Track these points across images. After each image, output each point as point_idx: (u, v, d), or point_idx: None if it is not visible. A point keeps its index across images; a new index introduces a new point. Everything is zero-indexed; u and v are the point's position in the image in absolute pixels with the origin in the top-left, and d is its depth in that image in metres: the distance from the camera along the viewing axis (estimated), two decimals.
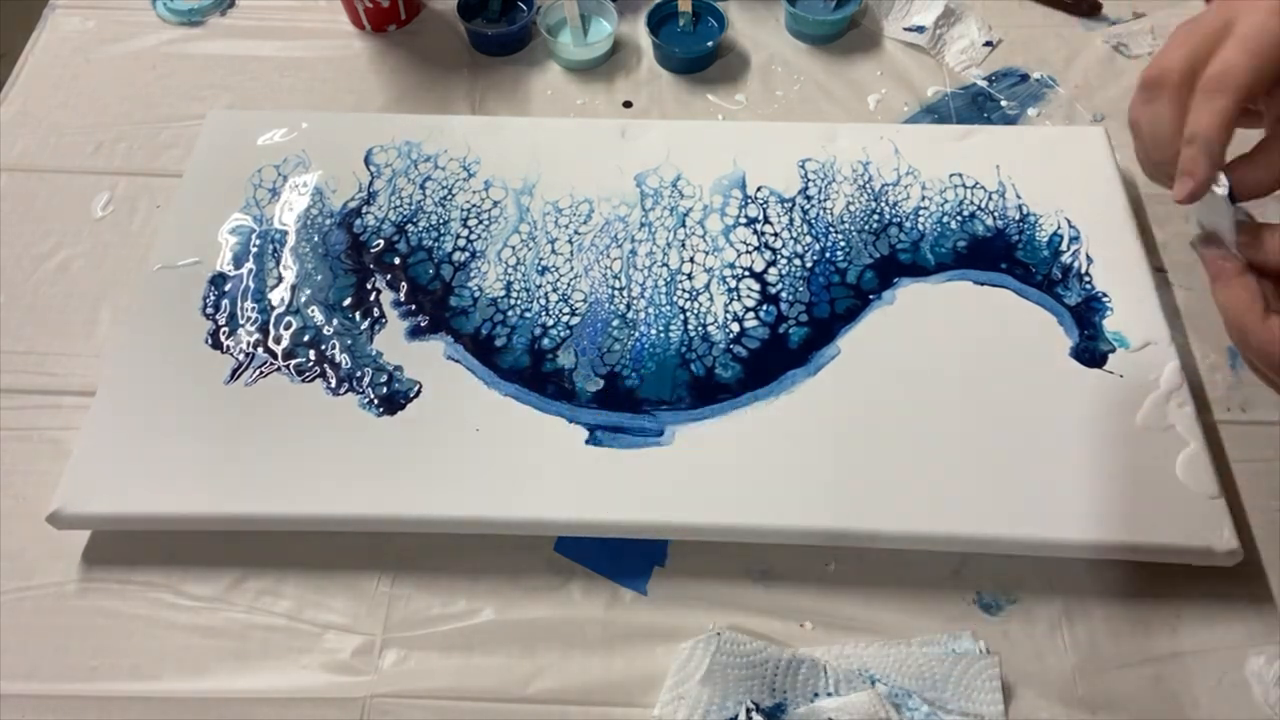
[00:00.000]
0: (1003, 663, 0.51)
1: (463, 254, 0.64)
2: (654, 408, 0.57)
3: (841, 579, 0.55)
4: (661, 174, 0.68)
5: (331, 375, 0.59)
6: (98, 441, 0.56)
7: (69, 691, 0.51)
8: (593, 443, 0.56)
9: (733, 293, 0.62)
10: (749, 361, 0.59)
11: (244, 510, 0.54)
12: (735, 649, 0.50)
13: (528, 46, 0.80)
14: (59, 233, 0.69)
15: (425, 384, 0.58)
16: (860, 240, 0.65)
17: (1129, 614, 0.53)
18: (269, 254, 0.64)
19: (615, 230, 0.65)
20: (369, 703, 0.51)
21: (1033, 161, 0.68)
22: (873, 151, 0.69)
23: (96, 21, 0.82)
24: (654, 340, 0.60)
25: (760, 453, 0.55)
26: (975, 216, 0.65)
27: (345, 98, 0.77)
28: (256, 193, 0.67)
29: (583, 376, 0.59)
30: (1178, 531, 0.52)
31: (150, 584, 0.55)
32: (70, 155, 0.73)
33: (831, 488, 0.54)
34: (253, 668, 0.52)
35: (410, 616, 0.54)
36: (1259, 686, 0.51)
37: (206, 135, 0.70)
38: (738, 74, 0.78)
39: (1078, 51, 0.79)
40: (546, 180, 0.68)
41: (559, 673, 0.52)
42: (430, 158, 0.69)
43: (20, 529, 0.56)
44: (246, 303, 0.62)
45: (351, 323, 0.61)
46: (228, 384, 0.58)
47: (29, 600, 0.54)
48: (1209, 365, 0.62)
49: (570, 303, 0.62)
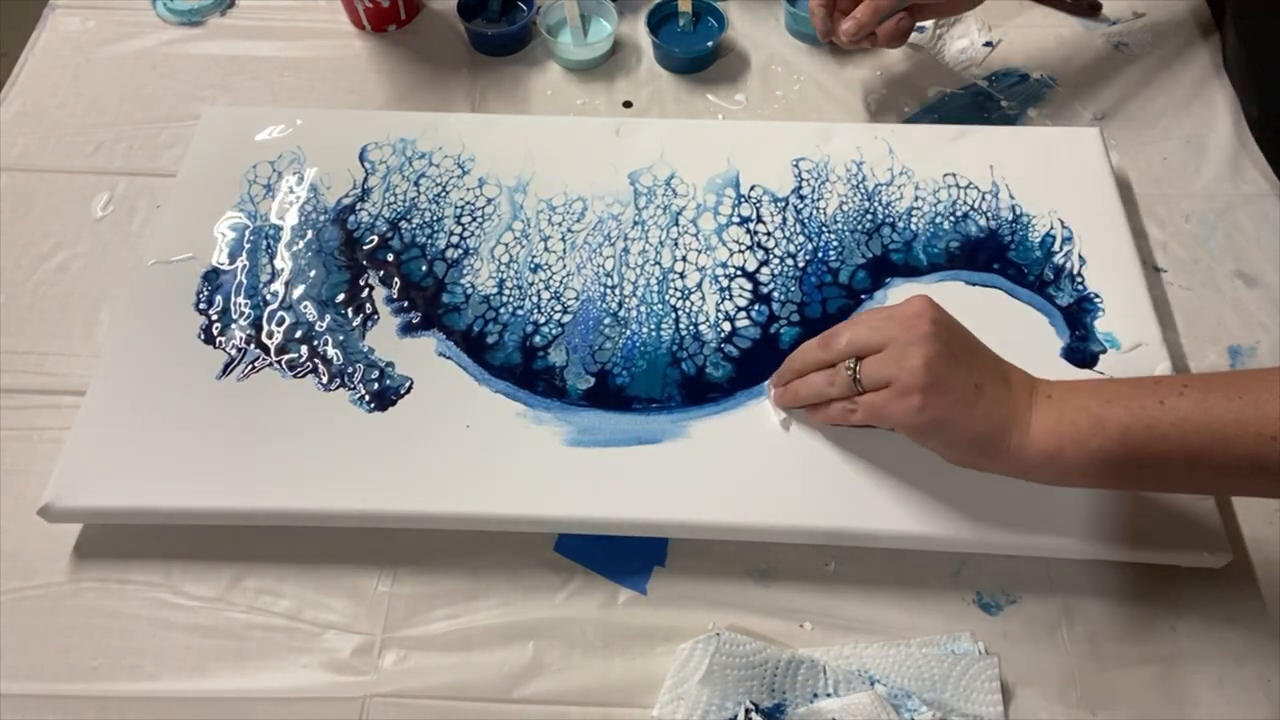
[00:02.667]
0: (1002, 663, 0.51)
1: (456, 251, 0.64)
2: (644, 405, 0.57)
3: (841, 579, 0.55)
4: (655, 172, 0.68)
5: (323, 371, 0.59)
6: (89, 435, 0.56)
7: (69, 691, 0.51)
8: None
9: (725, 292, 0.62)
10: (740, 361, 0.59)
11: (235, 505, 0.54)
12: (735, 649, 0.50)
13: (528, 46, 0.80)
14: (59, 233, 0.69)
15: (417, 380, 0.58)
16: (853, 240, 0.65)
17: (1129, 614, 0.53)
18: (263, 250, 0.64)
19: (608, 228, 0.65)
20: (368, 702, 0.51)
21: (1027, 162, 0.68)
22: (867, 151, 0.69)
23: (96, 21, 0.82)
24: (645, 338, 0.60)
25: (749, 452, 0.55)
26: (968, 217, 0.65)
27: (345, 98, 0.77)
28: (251, 189, 0.67)
29: (574, 374, 0.59)
30: (1168, 533, 0.52)
31: (150, 584, 0.55)
32: (70, 155, 0.73)
33: (819, 487, 0.54)
34: (252, 668, 0.52)
35: (410, 616, 0.54)
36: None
37: (202, 132, 0.70)
38: (738, 74, 0.78)
39: (1078, 51, 0.78)
40: (540, 178, 0.68)
41: (559, 673, 0.52)
42: (425, 155, 0.69)
43: (20, 529, 0.56)
44: (240, 298, 0.62)
45: (344, 319, 0.61)
46: (220, 379, 0.58)
47: (29, 600, 0.54)
48: (1208, 366, 0.62)
49: (562, 300, 0.62)
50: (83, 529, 0.56)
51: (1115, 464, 0.46)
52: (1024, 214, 0.65)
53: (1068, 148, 0.68)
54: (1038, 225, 0.65)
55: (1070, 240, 0.64)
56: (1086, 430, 0.46)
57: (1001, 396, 0.48)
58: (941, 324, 0.49)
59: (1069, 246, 0.64)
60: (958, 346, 0.49)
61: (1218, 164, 0.71)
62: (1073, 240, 0.64)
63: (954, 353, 0.49)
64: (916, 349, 0.48)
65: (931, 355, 0.48)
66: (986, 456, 0.49)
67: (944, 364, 0.48)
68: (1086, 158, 0.68)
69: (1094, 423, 0.46)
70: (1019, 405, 0.48)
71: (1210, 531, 0.52)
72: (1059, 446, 0.46)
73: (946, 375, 0.48)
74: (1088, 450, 0.46)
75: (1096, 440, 0.46)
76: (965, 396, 0.48)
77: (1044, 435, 0.47)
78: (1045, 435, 0.47)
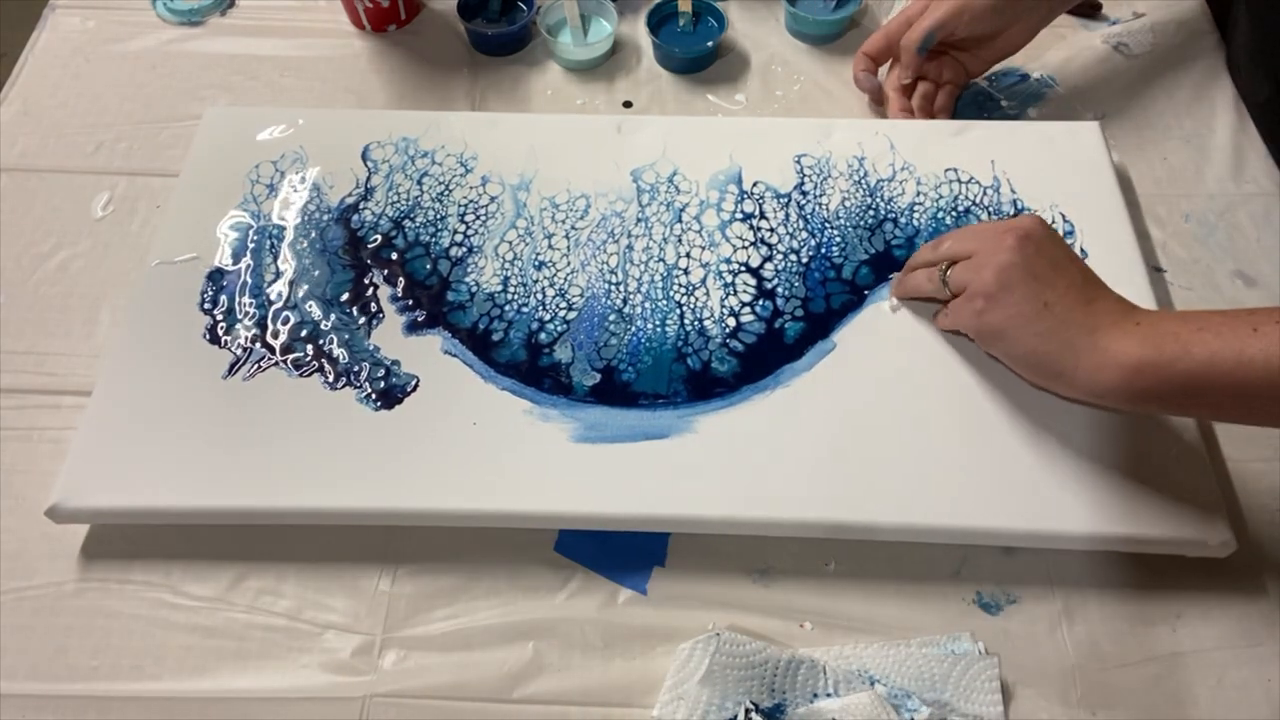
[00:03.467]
0: (1002, 662, 0.51)
1: (460, 249, 0.64)
2: (651, 401, 0.57)
3: (841, 579, 0.55)
4: (658, 169, 0.68)
5: (329, 370, 0.59)
6: (96, 436, 0.56)
7: (69, 691, 0.51)
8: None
9: (729, 288, 0.62)
10: (745, 356, 0.59)
11: (242, 504, 0.54)
12: (735, 649, 0.50)
13: (528, 46, 0.80)
14: (59, 233, 0.69)
15: (422, 378, 0.58)
16: (856, 236, 0.65)
17: (1129, 613, 0.53)
18: (267, 249, 0.64)
19: (612, 225, 0.65)
20: (368, 702, 0.51)
21: (1028, 156, 0.68)
22: (868, 147, 0.69)
23: (96, 21, 0.82)
24: (650, 335, 0.60)
25: (757, 447, 0.55)
26: (970, 211, 0.66)
27: (345, 97, 0.77)
28: (254, 189, 0.67)
29: (580, 371, 0.59)
30: (1172, 523, 0.52)
31: (150, 584, 0.55)
32: (70, 155, 0.73)
33: (828, 481, 0.54)
34: (252, 668, 0.52)
35: (410, 616, 0.54)
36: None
37: (204, 132, 0.70)
38: (738, 74, 0.78)
39: (1078, 51, 0.78)
40: (543, 176, 0.68)
41: (558, 673, 0.52)
42: (427, 153, 0.69)
43: (20, 529, 0.56)
44: (244, 298, 0.62)
45: (349, 318, 0.61)
46: (225, 379, 0.58)
47: (29, 600, 0.54)
48: None
49: (567, 297, 0.62)
50: (89, 529, 0.56)
51: (1197, 391, 0.46)
52: (1025, 208, 0.65)
53: (1068, 142, 0.69)
54: None
55: (1072, 234, 0.64)
56: (1171, 355, 0.46)
57: (1073, 318, 0.49)
58: (1030, 241, 0.51)
59: (1071, 239, 0.64)
60: (1039, 264, 0.51)
61: (1218, 164, 0.71)
62: (1074, 234, 0.64)
63: (1031, 269, 0.50)
64: (994, 258, 0.51)
65: (1004, 265, 0.50)
66: (1050, 377, 0.50)
67: (1015, 276, 0.50)
68: (1087, 151, 0.68)
69: (1180, 349, 0.46)
70: (1095, 328, 0.48)
71: (1215, 522, 0.52)
72: (1138, 371, 0.46)
73: (1014, 286, 0.50)
74: (1169, 375, 0.46)
75: (1181, 365, 0.45)
76: (1029, 310, 0.49)
77: (1123, 359, 0.47)
78: (1125, 359, 0.47)
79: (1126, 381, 0.47)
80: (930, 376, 0.58)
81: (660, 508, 0.54)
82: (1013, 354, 0.52)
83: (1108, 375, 0.47)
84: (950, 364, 0.58)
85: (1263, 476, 0.57)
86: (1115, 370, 0.47)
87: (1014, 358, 0.53)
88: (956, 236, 0.56)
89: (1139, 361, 0.46)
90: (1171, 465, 0.54)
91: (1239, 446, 0.58)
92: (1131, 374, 0.47)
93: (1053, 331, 0.49)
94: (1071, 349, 0.48)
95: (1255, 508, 0.56)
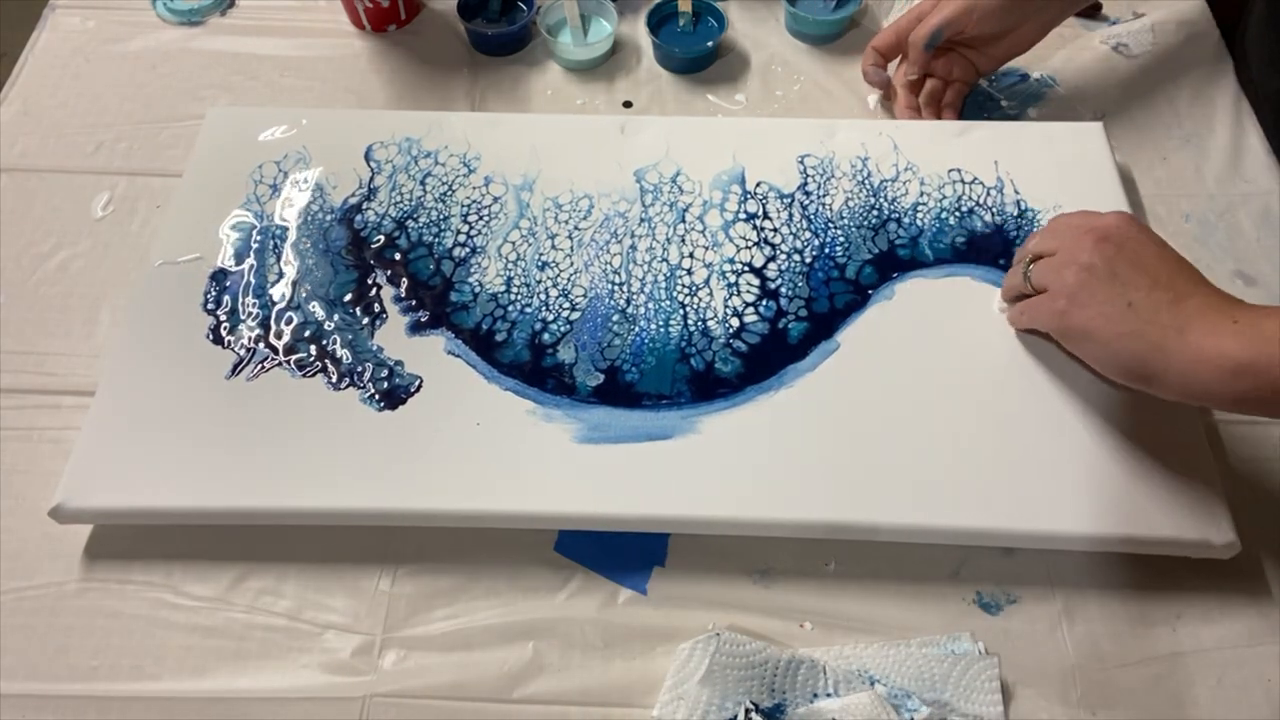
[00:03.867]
0: (1002, 663, 0.51)
1: (463, 249, 0.64)
2: (654, 402, 0.57)
3: (841, 579, 0.55)
4: (661, 170, 0.68)
5: (332, 370, 0.59)
6: (100, 436, 0.56)
7: (69, 691, 0.51)
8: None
9: (732, 288, 0.62)
10: (749, 356, 0.59)
11: (245, 504, 0.54)
12: (735, 649, 0.50)
13: (528, 46, 0.80)
14: (59, 233, 0.69)
15: (426, 379, 0.58)
16: (859, 236, 0.65)
17: (1129, 613, 0.53)
18: (270, 250, 0.64)
19: (615, 226, 0.65)
20: (368, 702, 0.51)
21: (1031, 157, 0.68)
22: (871, 147, 0.69)
23: (96, 21, 0.82)
24: (654, 335, 0.60)
25: (761, 447, 0.55)
26: (974, 212, 0.66)
27: (345, 97, 0.77)
28: (257, 189, 0.67)
29: (583, 371, 0.59)
30: (1176, 524, 0.52)
31: (150, 584, 0.55)
32: (70, 155, 0.73)
33: (832, 481, 0.54)
34: (252, 668, 0.52)
35: (410, 616, 0.54)
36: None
37: (207, 132, 0.70)
38: (738, 74, 0.78)
39: (1078, 51, 0.78)
40: (546, 176, 0.68)
41: (558, 673, 0.52)
42: (430, 154, 0.69)
43: (21, 529, 0.56)
44: (247, 298, 0.62)
45: (352, 318, 0.61)
46: (229, 379, 0.58)
47: (29, 600, 0.54)
48: None
49: (570, 298, 0.62)
50: (93, 530, 0.56)
51: None
52: (1029, 209, 0.65)
53: (1071, 142, 0.69)
54: (1043, 219, 0.65)
55: None
56: (1272, 359, 0.44)
57: (1160, 318, 0.47)
58: (1109, 241, 0.50)
59: None
60: (1120, 264, 0.50)
61: (1218, 164, 0.71)
62: None
63: (1114, 269, 0.50)
64: (1075, 258, 0.51)
65: (1086, 265, 0.50)
66: (1141, 380, 0.49)
67: (1097, 277, 0.49)
68: (1090, 153, 0.68)
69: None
70: (1185, 328, 0.46)
71: (1219, 523, 0.52)
72: (1237, 374, 0.44)
73: (1096, 288, 0.49)
74: (1272, 380, 0.44)
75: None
76: (1112, 312, 0.49)
77: (1221, 361, 0.45)
78: (1222, 361, 0.45)
79: (1225, 384, 0.45)
80: (934, 377, 0.58)
81: (664, 508, 0.54)
82: (1099, 357, 0.51)
83: (1204, 377, 0.46)
84: (953, 365, 0.58)
85: (1264, 476, 0.57)
86: (1212, 372, 0.45)
87: (1100, 360, 0.51)
88: (1043, 233, 0.56)
89: (1237, 364, 0.44)
90: (1175, 465, 0.54)
91: (1240, 447, 0.58)
92: (1230, 377, 0.45)
93: (1139, 333, 0.47)
94: (1161, 350, 0.47)
95: (1256, 508, 0.56)
